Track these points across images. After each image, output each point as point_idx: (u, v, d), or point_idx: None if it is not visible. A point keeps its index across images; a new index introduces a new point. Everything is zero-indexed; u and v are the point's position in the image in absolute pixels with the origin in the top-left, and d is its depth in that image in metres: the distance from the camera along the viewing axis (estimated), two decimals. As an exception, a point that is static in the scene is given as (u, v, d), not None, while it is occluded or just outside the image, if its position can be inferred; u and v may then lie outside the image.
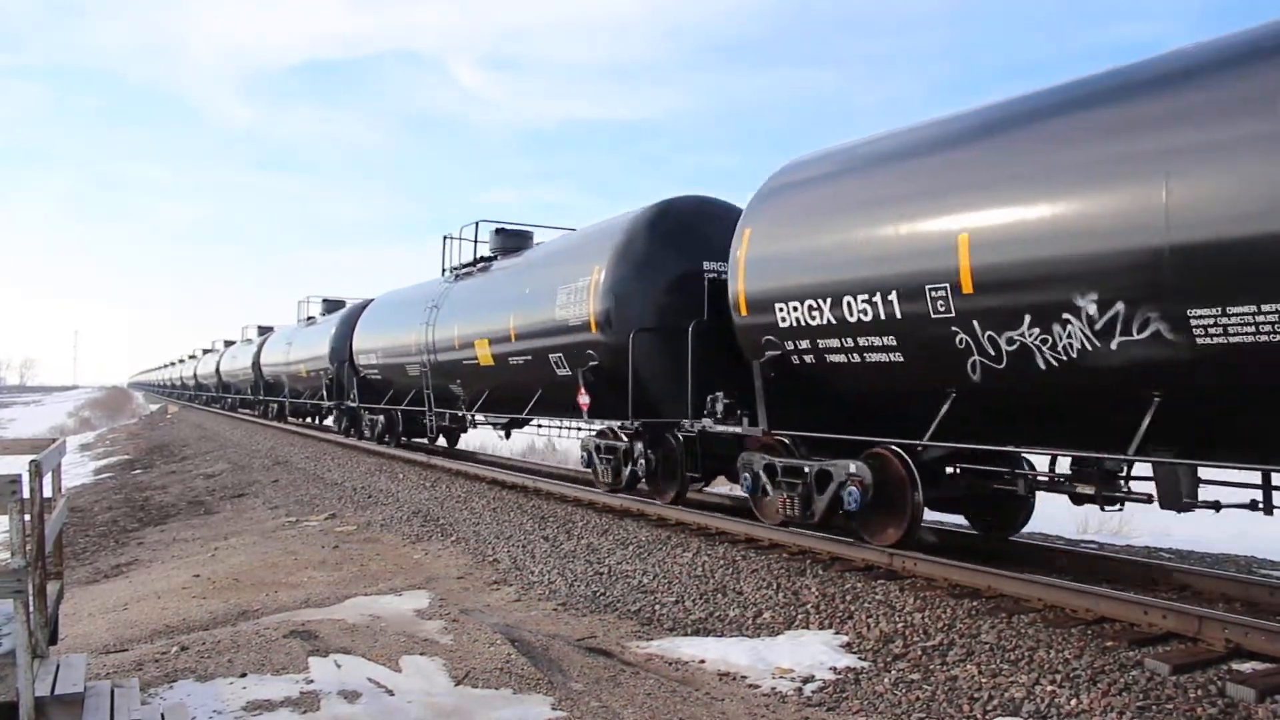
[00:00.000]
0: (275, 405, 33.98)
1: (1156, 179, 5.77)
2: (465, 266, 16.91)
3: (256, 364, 35.52)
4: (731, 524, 9.86)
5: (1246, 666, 5.26)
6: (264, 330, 41.47)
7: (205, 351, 59.09)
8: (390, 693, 5.35)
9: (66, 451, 6.34)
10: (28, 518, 4.18)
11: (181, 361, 74.14)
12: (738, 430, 9.47)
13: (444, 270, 17.75)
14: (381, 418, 20.58)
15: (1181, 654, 5.46)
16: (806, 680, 5.59)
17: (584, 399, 11.79)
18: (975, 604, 6.69)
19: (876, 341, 7.85)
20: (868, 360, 8.01)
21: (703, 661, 6.03)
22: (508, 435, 17.30)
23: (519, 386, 13.99)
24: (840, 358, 8.18)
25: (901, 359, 7.69)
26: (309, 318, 30.61)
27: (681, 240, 11.11)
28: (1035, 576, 6.95)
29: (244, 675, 5.59)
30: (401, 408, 19.30)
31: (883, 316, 7.66)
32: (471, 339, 15.22)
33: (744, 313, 9.31)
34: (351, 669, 5.75)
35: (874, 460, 7.91)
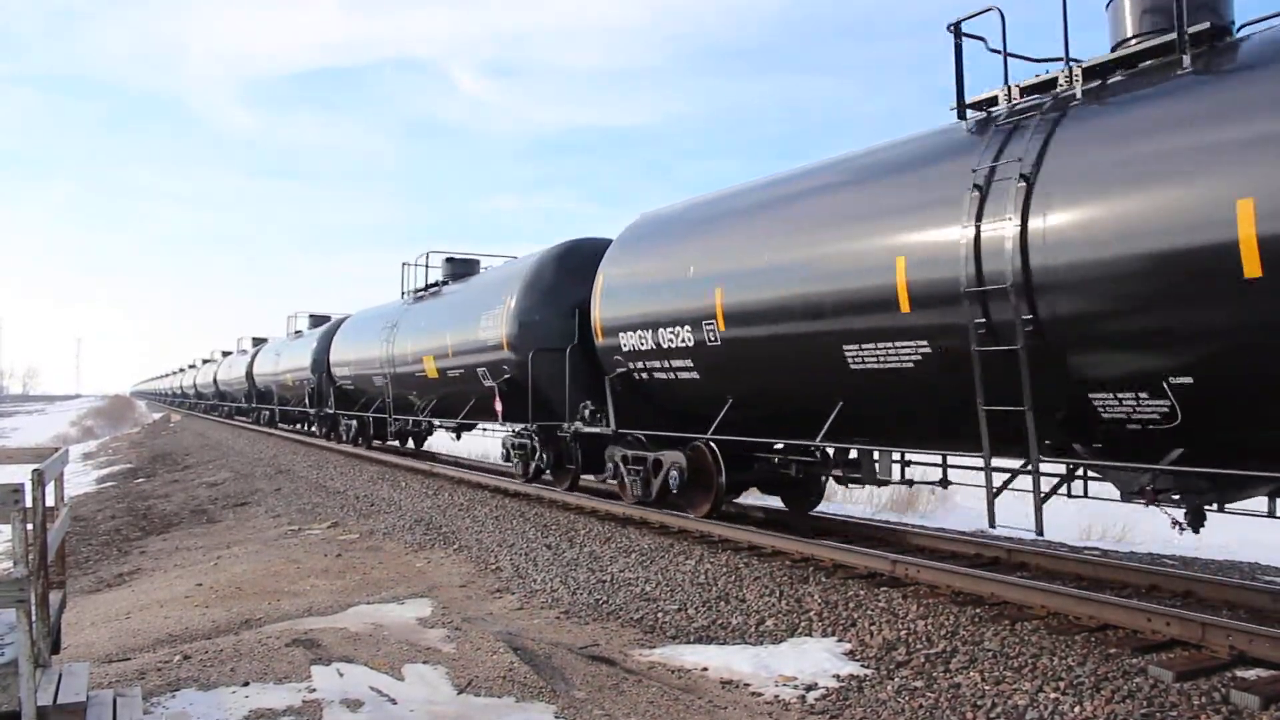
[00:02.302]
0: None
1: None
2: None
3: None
4: (734, 531, 9.86)
5: (1251, 673, 5.24)
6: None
7: (205, 361, 61.29)
8: (393, 701, 5.35)
9: (69, 460, 6.34)
10: (30, 526, 4.18)
11: (182, 370, 75.52)
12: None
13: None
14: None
15: (1185, 661, 5.45)
16: (809, 688, 5.58)
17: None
18: (978, 611, 6.68)
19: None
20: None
21: (705, 669, 6.02)
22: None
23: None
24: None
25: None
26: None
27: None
28: (1038, 583, 6.94)
29: (246, 684, 5.58)
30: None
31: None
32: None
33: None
34: (354, 677, 5.74)
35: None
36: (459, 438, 19.54)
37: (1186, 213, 5.65)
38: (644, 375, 10.98)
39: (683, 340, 10.06)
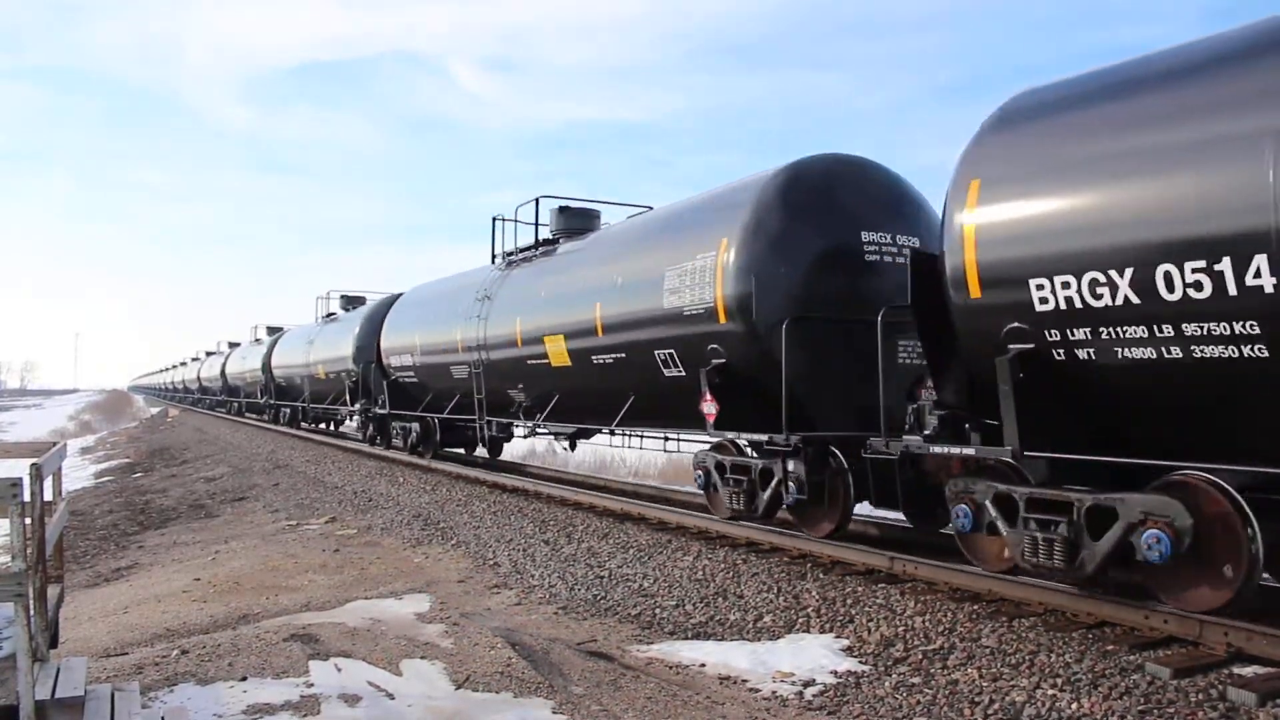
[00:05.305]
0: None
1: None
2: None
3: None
4: (732, 528, 9.86)
5: (1248, 671, 5.25)
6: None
7: (209, 354, 59.07)
8: (391, 696, 5.35)
9: (67, 455, 6.34)
10: (28, 521, 4.17)
11: (184, 364, 73.30)
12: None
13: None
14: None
15: (1182, 658, 5.45)
16: (807, 684, 5.58)
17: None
18: (976, 608, 6.69)
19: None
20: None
21: (703, 665, 6.03)
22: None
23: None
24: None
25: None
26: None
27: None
28: (1035, 581, 6.93)
29: (244, 679, 5.59)
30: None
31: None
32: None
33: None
34: (352, 672, 5.75)
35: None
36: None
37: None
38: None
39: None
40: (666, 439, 12.26)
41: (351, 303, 27.39)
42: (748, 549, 9.14)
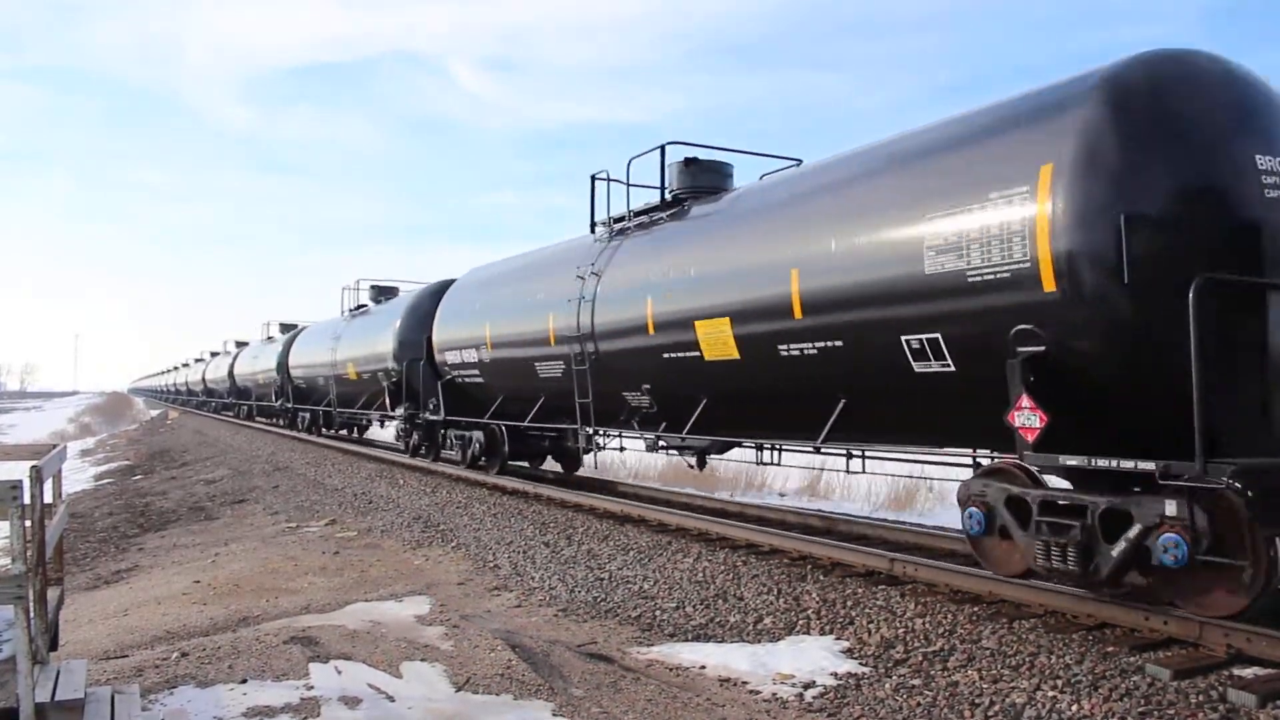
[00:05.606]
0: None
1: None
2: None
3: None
4: (735, 529, 9.87)
5: (1248, 672, 5.26)
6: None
7: (214, 354, 56.28)
8: (391, 699, 5.35)
9: (67, 457, 6.35)
10: (28, 523, 4.17)
11: (186, 365, 71.37)
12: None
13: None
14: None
15: (1182, 659, 5.46)
16: (807, 686, 5.58)
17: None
18: (976, 609, 6.69)
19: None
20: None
21: (703, 667, 6.03)
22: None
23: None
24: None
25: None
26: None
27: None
28: (1035, 582, 6.95)
29: (244, 681, 5.58)
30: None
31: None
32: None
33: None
34: (352, 675, 5.75)
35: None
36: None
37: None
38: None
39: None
40: (853, 456, 9.19)
41: (384, 294, 23.86)
42: (748, 551, 9.15)
